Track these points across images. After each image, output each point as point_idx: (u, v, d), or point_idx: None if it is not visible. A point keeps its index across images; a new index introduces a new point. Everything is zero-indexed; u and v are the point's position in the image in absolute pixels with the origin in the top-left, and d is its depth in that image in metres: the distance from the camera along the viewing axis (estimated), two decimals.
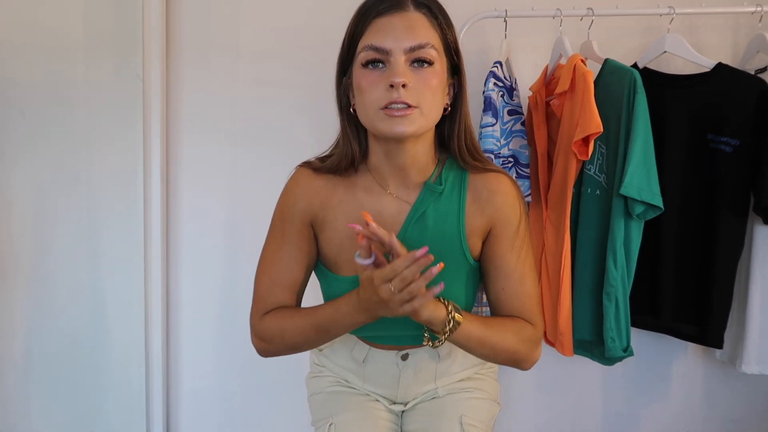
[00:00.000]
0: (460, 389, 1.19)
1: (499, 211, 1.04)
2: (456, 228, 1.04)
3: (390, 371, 1.15)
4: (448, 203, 1.05)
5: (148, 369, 1.96)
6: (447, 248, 1.04)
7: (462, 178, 1.06)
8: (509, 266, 1.05)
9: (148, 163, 1.91)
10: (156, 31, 1.88)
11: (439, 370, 1.16)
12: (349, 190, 1.06)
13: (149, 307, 1.95)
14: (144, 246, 1.93)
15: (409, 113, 0.93)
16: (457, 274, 1.06)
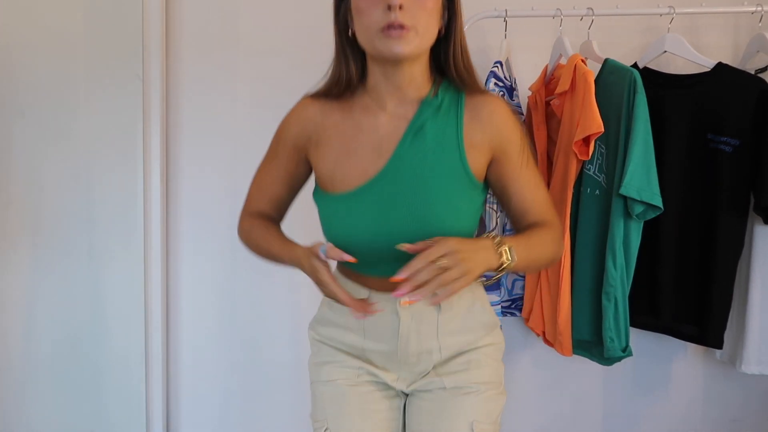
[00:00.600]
0: (466, 383, 1.12)
1: (502, 132, 1.07)
2: (455, 140, 1.06)
3: (390, 321, 1.10)
4: (445, 117, 1.07)
5: (148, 369, 1.96)
6: (446, 160, 1.05)
7: (458, 98, 1.08)
8: (524, 180, 1.09)
9: (148, 163, 1.91)
10: (156, 31, 1.88)
11: (441, 322, 1.11)
12: (346, 112, 1.10)
13: (149, 307, 1.95)
14: (144, 246, 1.93)
15: (406, 34, 0.98)
16: (459, 188, 1.06)
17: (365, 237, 1.06)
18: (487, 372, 1.15)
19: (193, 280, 2.00)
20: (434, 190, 1.03)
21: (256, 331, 1.98)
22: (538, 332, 1.69)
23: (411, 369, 1.14)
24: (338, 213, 1.08)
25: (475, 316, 1.15)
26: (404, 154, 1.05)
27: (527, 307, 1.74)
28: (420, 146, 1.06)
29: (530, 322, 1.71)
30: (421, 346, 1.12)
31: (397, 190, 1.05)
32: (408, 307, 1.09)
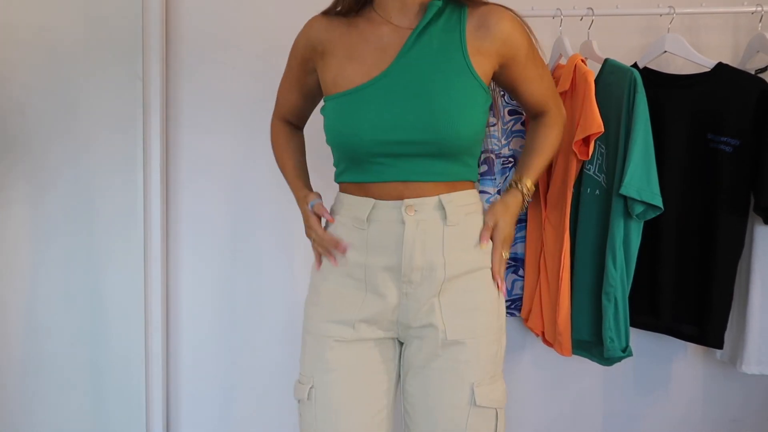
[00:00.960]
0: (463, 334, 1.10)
1: (510, 39, 1.13)
2: (458, 44, 1.09)
3: (394, 230, 1.10)
4: (448, 24, 1.12)
5: (148, 369, 1.96)
6: (450, 61, 1.09)
7: (461, 9, 1.13)
8: (531, 78, 1.20)
9: (148, 163, 1.91)
10: (156, 31, 1.88)
11: (446, 235, 1.10)
12: (351, 25, 1.16)
13: (149, 307, 1.95)
14: (144, 246, 1.93)
15: None
16: (463, 86, 1.08)
17: (367, 133, 1.07)
18: (487, 296, 1.15)
19: (193, 280, 2.00)
20: (438, 86, 1.07)
21: (256, 331, 1.97)
22: (538, 332, 1.69)
23: (414, 291, 1.11)
24: (340, 110, 1.11)
25: (477, 234, 1.15)
26: (408, 54, 1.09)
27: (526, 307, 1.74)
28: (424, 48, 1.09)
29: (529, 322, 1.71)
30: (426, 259, 1.10)
31: (400, 86, 1.07)
32: (413, 216, 1.09)
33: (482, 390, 1.10)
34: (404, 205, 1.09)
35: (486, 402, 1.10)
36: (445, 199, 1.09)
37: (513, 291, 1.78)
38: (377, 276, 1.12)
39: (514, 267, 1.78)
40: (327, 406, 1.13)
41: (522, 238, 1.76)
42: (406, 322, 1.14)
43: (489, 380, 1.12)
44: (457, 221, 1.11)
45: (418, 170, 1.09)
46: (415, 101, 1.06)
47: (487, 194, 1.60)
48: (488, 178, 1.59)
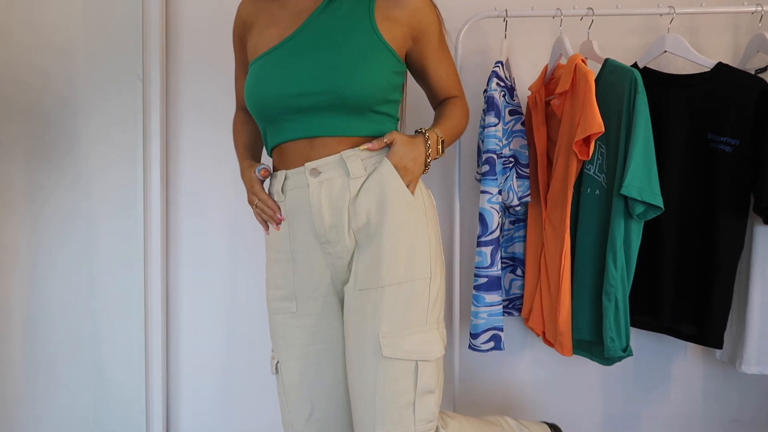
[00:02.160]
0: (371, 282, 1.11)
1: (420, 12, 1.19)
2: (366, 9, 1.16)
3: (303, 195, 1.15)
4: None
5: (148, 369, 1.96)
6: (357, 24, 1.15)
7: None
8: (438, 61, 1.26)
9: (148, 163, 1.91)
10: (156, 31, 1.88)
11: (353, 188, 1.13)
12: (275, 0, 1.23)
13: (149, 307, 1.95)
14: (144, 246, 1.94)
15: None
16: (367, 46, 1.14)
17: (276, 89, 1.14)
18: (404, 265, 1.11)
19: (193, 280, 2.00)
20: (340, 44, 1.14)
21: (256, 331, 1.97)
22: (538, 332, 1.69)
23: (334, 250, 1.15)
24: (254, 72, 1.18)
25: (391, 181, 1.14)
26: (317, 18, 1.17)
27: (527, 307, 1.74)
28: (333, 13, 1.17)
29: (530, 322, 1.71)
30: (335, 216, 1.13)
31: (306, 45, 1.15)
32: (317, 177, 1.13)
33: (391, 341, 1.08)
34: (307, 169, 1.14)
35: (397, 354, 1.08)
36: (346, 154, 1.13)
37: (511, 290, 1.78)
38: (302, 243, 1.17)
39: (513, 267, 1.78)
40: (291, 379, 1.20)
41: (522, 237, 1.76)
42: (338, 280, 1.18)
43: (401, 329, 1.09)
44: (359, 174, 1.13)
45: (321, 124, 1.13)
46: (317, 55, 1.13)
47: (489, 194, 1.59)
48: (490, 177, 1.59)
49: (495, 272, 1.61)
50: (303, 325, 1.19)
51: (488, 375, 1.96)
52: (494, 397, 1.97)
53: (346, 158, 1.13)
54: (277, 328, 1.22)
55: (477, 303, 1.62)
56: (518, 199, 1.64)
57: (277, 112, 1.16)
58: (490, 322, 1.62)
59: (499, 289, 1.63)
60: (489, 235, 1.60)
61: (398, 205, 1.13)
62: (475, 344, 1.63)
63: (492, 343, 1.63)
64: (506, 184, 1.63)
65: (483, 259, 1.61)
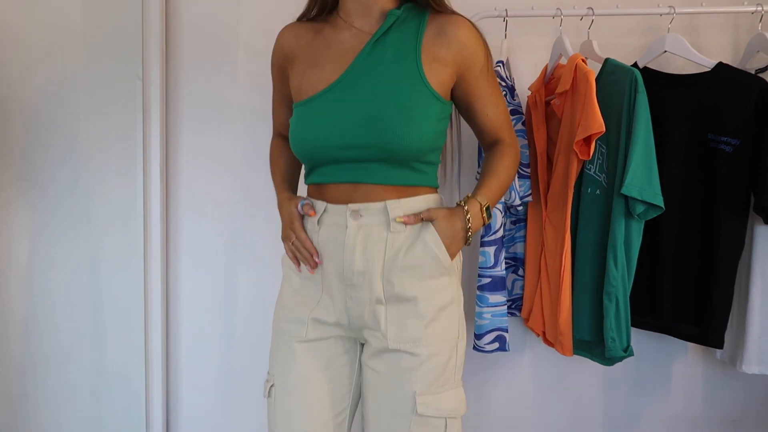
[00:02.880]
0: (405, 342, 1.11)
1: (467, 48, 1.16)
2: (413, 51, 1.13)
3: (339, 233, 1.14)
4: (406, 31, 1.15)
5: (148, 369, 1.96)
6: (402, 69, 1.12)
7: (422, 15, 1.17)
8: (487, 97, 1.21)
9: (148, 163, 1.91)
10: (156, 31, 1.88)
11: (389, 241, 1.12)
12: (318, 32, 1.21)
13: (149, 308, 1.95)
14: (144, 246, 1.93)
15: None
16: (413, 95, 1.11)
17: (322, 139, 1.12)
18: (436, 330, 1.13)
19: (194, 280, 2.00)
20: (387, 95, 1.10)
21: (257, 331, 1.97)
22: (538, 332, 1.69)
23: (356, 295, 1.13)
24: (300, 117, 1.16)
25: (427, 248, 1.13)
26: (363, 62, 1.13)
27: (527, 307, 1.74)
28: (379, 56, 1.13)
29: (530, 322, 1.71)
30: (366, 264, 1.12)
31: (352, 94, 1.11)
32: (357, 220, 1.12)
33: (426, 399, 1.10)
34: (349, 209, 1.13)
35: (430, 412, 1.11)
36: (391, 205, 1.11)
37: (513, 291, 1.78)
38: (329, 276, 1.16)
39: (514, 267, 1.78)
40: (284, 405, 1.17)
41: (522, 237, 1.76)
42: (355, 325, 1.16)
43: (436, 389, 1.12)
44: (400, 228, 1.12)
45: (367, 173, 1.12)
46: (363, 107, 1.10)
47: None
48: None
49: (499, 272, 1.61)
50: (308, 351, 1.17)
51: (488, 375, 1.96)
52: (494, 398, 1.97)
53: (390, 209, 1.12)
54: (280, 351, 1.20)
55: (481, 303, 1.62)
56: (520, 198, 1.64)
57: (323, 160, 1.15)
58: (494, 322, 1.62)
59: (503, 290, 1.62)
60: (492, 234, 1.60)
61: (437, 270, 1.14)
62: (480, 345, 1.63)
63: (497, 344, 1.62)
64: None
65: (486, 259, 1.61)
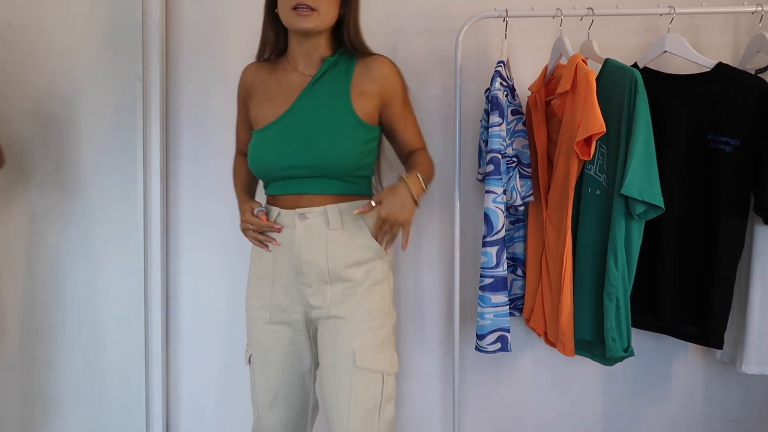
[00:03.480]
0: (348, 313, 1.38)
1: (388, 81, 1.44)
2: (343, 89, 1.41)
3: (291, 233, 1.41)
4: (339, 72, 1.43)
5: (148, 369, 1.96)
6: (335, 104, 1.41)
7: (352, 59, 1.45)
8: (404, 121, 1.49)
9: (148, 163, 1.91)
10: (156, 31, 1.88)
11: (329, 237, 1.40)
12: (272, 72, 1.49)
13: (149, 307, 1.95)
14: (144, 246, 1.93)
15: (310, 14, 1.35)
16: (344, 125, 1.40)
17: (272, 161, 1.41)
18: (369, 302, 1.41)
19: (193, 279, 2.00)
20: (322, 126, 1.39)
21: None
22: (540, 332, 1.69)
23: (305, 280, 1.40)
24: (255, 143, 1.45)
25: (360, 237, 1.41)
26: (304, 99, 1.42)
27: (528, 308, 1.74)
28: (316, 94, 1.42)
29: (531, 323, 1.71)
30: (311, 255, 1.39)
31: (294, 125, 1.40)
32: (304, 222, 1.40)
33: (363, 355, 1.36)
34: (296, 213, 1.41)
35: (368, 365, 1.36)
36: (329, 209, 1.40)
37: (512, 291, 1.78)
38: (282, 270, 1.44)
39: (513, 266, 1.78)
40: (261, 369, 1.48)
41: (522, 237, 1.76)
42: (307, 304, 1.42)
43: (372, 349, 1.37)
44: (339, 225, 1.40)
45: (309, 186, 1.40)
46: (303, 135, 1.38)
47: (494, 194, 1.59)
48: (494, 177, 1.58)
49: (501, 272, 1.61)
50: (273, 331, 1.46)
51: (489, 375, 1.96)
52: (494, 398, 1.97)
53: (329, 212, 1.40)
54: (253, 329, 1.49)
55: (483, 304, 1.62)
56: (521, 198, 1.64)
57: (274, 177, 1.44)
58: (496, 322, 1.62)
59: (505, 290, 1.62)
60: (494, 235, 1.60)
61: (366, 257, 1.42)
62: (482, 345, 1.63)
63: (499, 344, 1.62)
64: (509, 183, 1.63)
65: (488, 260, 1.61)
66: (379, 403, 1.37)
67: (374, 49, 1.50)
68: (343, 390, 1.35)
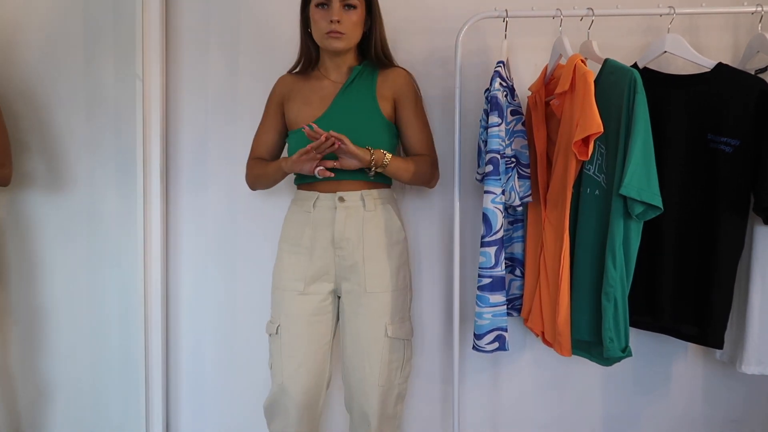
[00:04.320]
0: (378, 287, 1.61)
1: (401, 87, 1.67)
2: (371, 94, 1.65)
3: (330, 213, 1.62)
4: (365, 80, 1.67)
5: (148, 369, 1.96)
6: (365, 106, 1.64)
7: (375, 70, 1.69)
8: (415, 125, 1.68)
9: (148, 163, 1.91)
10: (155, 30, 1.88)
11: (365, 217, 1.62)
12: (306, 81, 1.72)
13: (149, 308, 1.95)
14: (144, 246, 1.94)
15: (340, 37, 1.60)
16: (373, 123, 1.63)
17: None
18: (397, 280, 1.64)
19: (193, 280, 2.00)
20: (356, 124, 1.60)
21: (256, 331, 1.97)
22: (537, 332, 1.69)
23: (343, 254, 1.61)
24: (298, 140, 1.62)
25: (391, 221, 1.66)
26: (338, 102, 1.65)
27: (526, 308, 1.74)
28: (348, 97, 1.65)
29: (529, 323, 1.71)
30: (350, 233, 1.61)
31: (333, 123, 1.58)
32: (343, 203, 1.61)
33: (393, 327, 1.62)
34: (337, 196, 1.62)
35: (396, 334, 1.62)
36: (365, 194, 1.63)
37: (510, 291, 1.78)
38: (320, 244, 1.63)
39: (511, 267, 1.78)
40: (288, 339, 1.63)
41: (520, 238, 1.76)
42: (340, 275, 1.63)
43: (398, 321, 1.64)
44: (373, 208, 1.64)
45: (347, 175, 1.60)
46: (343, 131, 1.52)
47: (492, 194, 1.58)
48: (493, 178, 1.58)
49: (499, 272, 1.61)
50: (306, 302, 1.63)
51: (488, 375, 1.96)
52: (494, 398, 1.97)
53: (365, 196, 1.63)
54: (283, 301, 1.65)
55: (481, 303, 1.62)
56: (520, 199, 1.63)
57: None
58: (494, 322, 1.62)
59: (503, 290, 1.62)
60: (493, 235, 1.60)
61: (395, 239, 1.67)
62: (480, 345, 1.63)
63: (496, 344, 1.63)
64: (508, 184, 1.62)
65: (487, 260, 1.61)
66: (402, 363, 1.65)
67: None
68: (375, 355, 1.60)
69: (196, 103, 1.95)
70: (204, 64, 1.95)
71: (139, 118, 1.90)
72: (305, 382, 1.62)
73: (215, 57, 1.95)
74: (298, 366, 1.61)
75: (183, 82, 1.95)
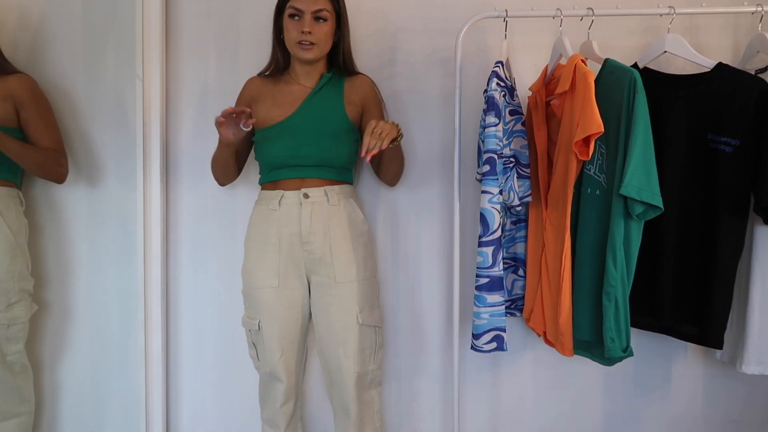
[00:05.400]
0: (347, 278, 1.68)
1: (367, 93, 1.77)
2: (338, 99, 1.74)
3: (296, 210, 1.69)
4: (333, 86, 1.75)
5: (148, 369, 1.96)
6: (332, 110, 1.72)
7: (342, 77, 1.78)
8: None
9: (148, 163, 1.91)
10: (155, 30, 1.88)
11: (330, 211, 1.70)
12: (276, 84, 1.79)
13: (149, 308, 1.95)
14: (143, 246, 1.93)
15: (311, 47, 1.68)
16: (338, 126, 1.71)
17: (279, 152, 1.70)
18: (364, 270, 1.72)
19: (193, 279, 2.00)
20: (323, 126, 1.70)
21: None
22: (539, 332, 1.69)
23: (311, 248, 1.68)
24: (264, 138, 1.72)
25: (354, 214, 1.73)
26: (307, 105, 1.72)
27: (528, 308, 1.74)
28: (317, 101, 1.73)
29: (531, 323, 1.71)
30: (316, 226, 1.69)
31: (300, 125, 1.70)
32: (308, 199, 1.68)
33: (363, 315, 1.69)
34: (301, 193, 1.69)
35: (367, 322, 1.69)
36: (328, 189, 1.70)
37: (513, 291, 1.78)
38: (287, 240, 1.70)
39: (514, 267, 1.78)
40: (269, 332, 1.72)
41: (523, 238, 1.76)
42: (309, 268, 1.71)
43: (368, 308, 1.71)
44: (337, 202, 1.71)
45: (311, 173, 1.70)
46: (309, 132, 1.68)
47: (490, 194, 1.58)
48: (491, 177, 1.58)
49: (496, 272, 1.61)
50: (281, 296, 1.71)
51: (488, 375, 1.96)
52: (494, 398, 1.97)
53: (328, 192, 1.70)
54: (261, 298, 1.72)
55: (479, 303, 1.62)
56: (519, 199, 1.63)
57: (281, 165, 1.71)
58: (492, 322, 1.62)
59: (501, 290, 1.62)
60: (490, 235, 1.60)
61: (359, 230, 1.74)
62: (478, 345, 1.63)
63: (494, 344, 1.62)
64: (507, 184, 1.62)
65: (484, 260, 1.61)
66: (375, 349, 1.72)
67: (374, 49, 1.83)
68: (349, 342, 1.68)
69: (197, 103, 1.95)
70: (204, 64, 1.95)
71: (139, 118, 1.90)
72: (289, 364, 1.74)
73: (215, 57, 1.94)
74: (280, 355, 1.72)
75: (183, 82, 1.95)
